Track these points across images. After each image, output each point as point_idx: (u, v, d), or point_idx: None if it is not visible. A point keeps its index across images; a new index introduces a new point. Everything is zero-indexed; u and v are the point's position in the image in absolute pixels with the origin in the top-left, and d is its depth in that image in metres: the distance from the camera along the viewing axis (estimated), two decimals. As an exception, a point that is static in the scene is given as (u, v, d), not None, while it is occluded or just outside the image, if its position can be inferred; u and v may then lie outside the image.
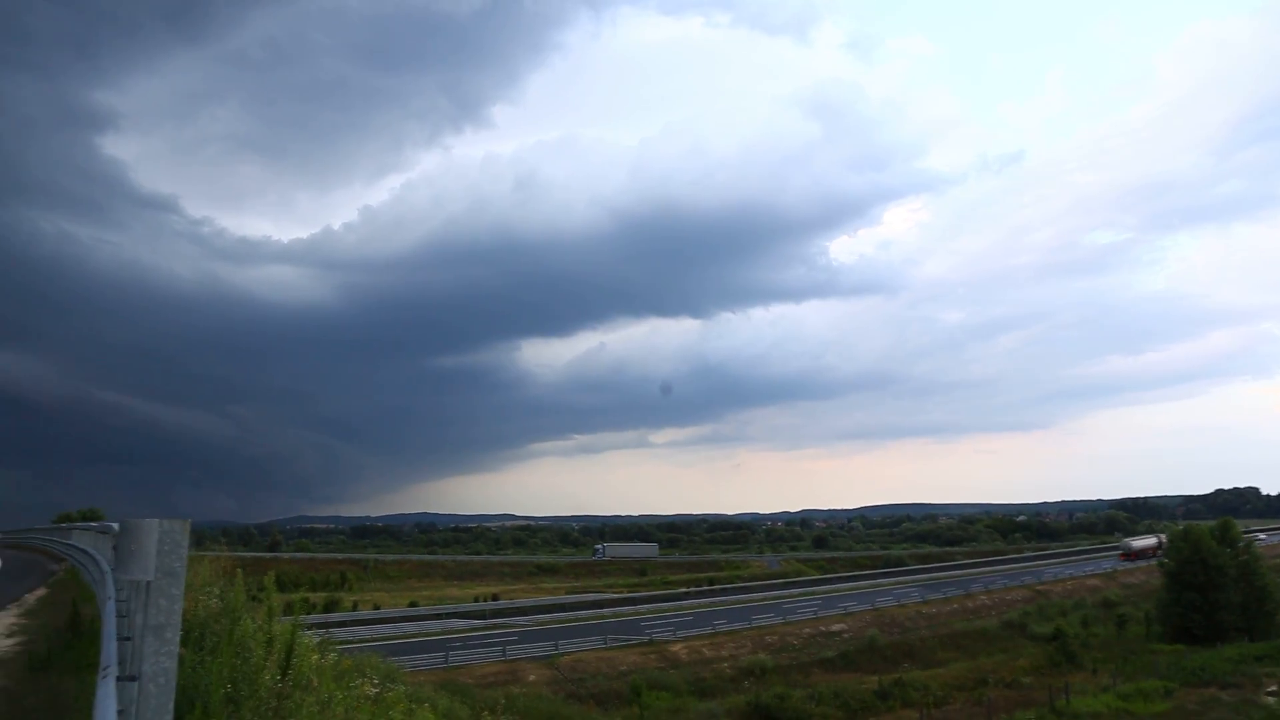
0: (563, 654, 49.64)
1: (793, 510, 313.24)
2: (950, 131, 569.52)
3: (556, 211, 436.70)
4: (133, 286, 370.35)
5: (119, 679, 3.31)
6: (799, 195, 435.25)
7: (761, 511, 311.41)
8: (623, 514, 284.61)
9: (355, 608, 72.68)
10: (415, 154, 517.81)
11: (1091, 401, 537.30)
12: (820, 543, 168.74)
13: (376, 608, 73.56)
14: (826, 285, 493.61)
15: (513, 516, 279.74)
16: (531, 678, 45.61)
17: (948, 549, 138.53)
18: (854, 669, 52.54)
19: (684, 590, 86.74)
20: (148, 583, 3.27)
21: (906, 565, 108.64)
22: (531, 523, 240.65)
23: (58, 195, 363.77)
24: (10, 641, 13.51)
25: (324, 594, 78.73)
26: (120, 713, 3.06)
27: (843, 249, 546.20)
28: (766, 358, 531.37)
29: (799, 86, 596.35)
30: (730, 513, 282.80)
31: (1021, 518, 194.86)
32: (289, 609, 11.27)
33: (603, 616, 65.60)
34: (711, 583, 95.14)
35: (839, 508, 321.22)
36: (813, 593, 78.33)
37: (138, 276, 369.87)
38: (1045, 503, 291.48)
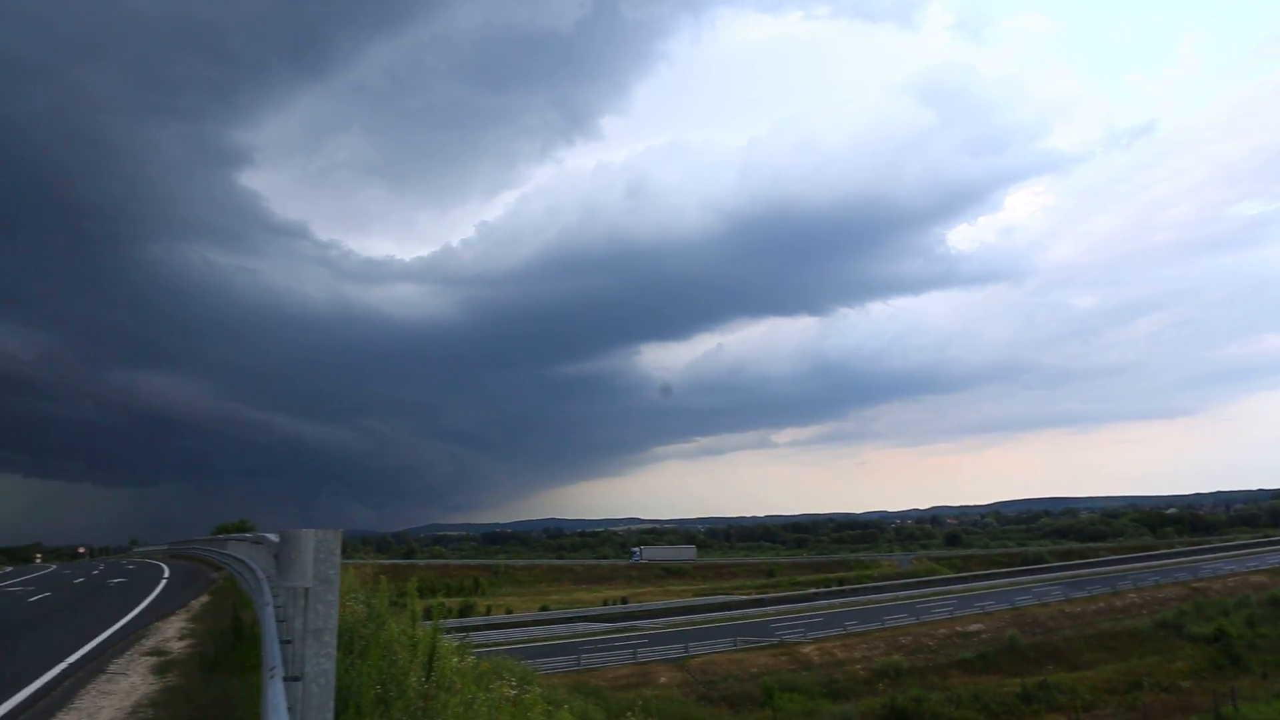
0: (693, 656, 49.82)
1: (922, 507, 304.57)
2: (1073, 108, 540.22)
3: (668, 216, 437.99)
4: (271, 310, 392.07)
5: (285, 679, 3.64)
6: (914, 185, 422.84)
7: (890, 509, 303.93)
8: (748, 515, 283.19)
9: (488, 612, 74.85)
10: (528, 169, 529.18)
11: (1246, 384, 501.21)
12: (953, 540, 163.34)
13: (509, 612, 75.55)
14: (946, 276, 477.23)
15: (638, 520, 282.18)
16: (662, 680, 45.95)
17: (1091, 545, 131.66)
18: (994, 671, 50.71)
19: (813, 591, 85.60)
20: (306, 589, 3.59)
21: (1046, 562, 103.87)
22: (657, 526, 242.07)
23: (202, 228, 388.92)
24: (182, 644, 14.63)
25: (458, 599, 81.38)
26: (287, 710, 3.37)
27: (962, 237, 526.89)
28: (887, 352, 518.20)
29: (909, 73, 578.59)
30: (857, 511, 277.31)
31: (1171, 510, 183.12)
32: (427, 614, 11.81)
33: (731, 618, 65.43)
34: (841, 583, 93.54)
35: (971, 504, 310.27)
36: (947, 592, 75.95)
37: (275, 300, 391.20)
38: (1198, 494, 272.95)
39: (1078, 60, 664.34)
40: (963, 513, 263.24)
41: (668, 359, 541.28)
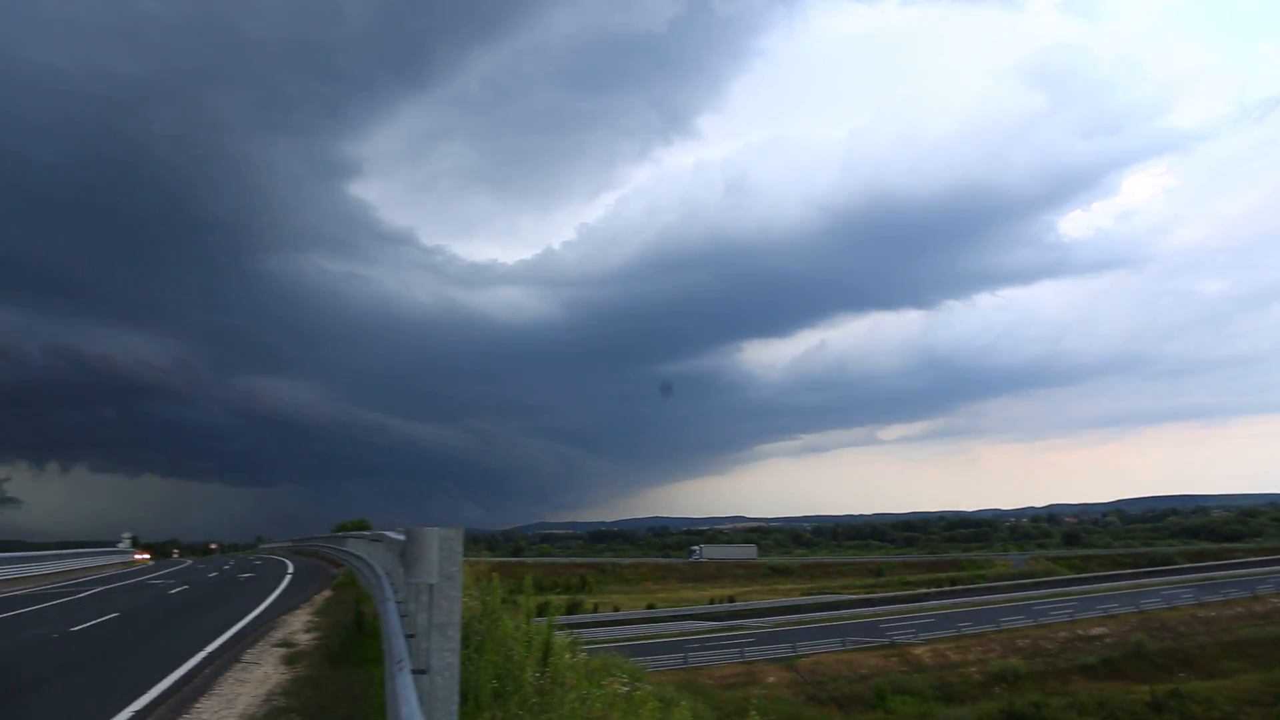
0: (801, 656, 49.33)
1: (1038, 505, 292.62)
2: (1197, 82, 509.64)
3: (769, 212, 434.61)
4: (382, 315, 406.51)
5: (412, 672, 3.83)
6: (1023, 171, 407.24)
7: (1003, 507, 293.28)
8: (855, 513, 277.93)
9: (596, 609, 75.76)
10: (627, 170, 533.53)
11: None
12: (1072, 539, 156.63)
13: (616, 609, 76.28)
14: (1058, 265, 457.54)
15: (743, 518, 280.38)
16: (770, 679, 45.65)
17: (1226, 545, 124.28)
18: (1120, 677, 48.48)
19: (924, 591, 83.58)
20: (431, 585, 3.78)
21: (1175, 563, 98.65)
22: (763, 524, 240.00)
23: (316, 238, 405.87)
24: (308, 637, 15.36)
25: (565, 596, 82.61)
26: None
27: (1075, 224, 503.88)
28: (997, 346, 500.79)
29: (1017, 56, 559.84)
30: (969, 509, 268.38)
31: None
32: (539, 611, 12.10)
33: (840, 618, 64.50)
34: (953, 583, 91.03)
35: (1091, 501, 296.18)
36: (1066, 593, 72.99)
37: (385, 305, 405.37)
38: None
39: (1202, 31, 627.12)
40: (1082, 511, 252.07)
41: (770, 356, 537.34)
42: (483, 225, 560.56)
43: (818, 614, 68.45)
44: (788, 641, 51.98)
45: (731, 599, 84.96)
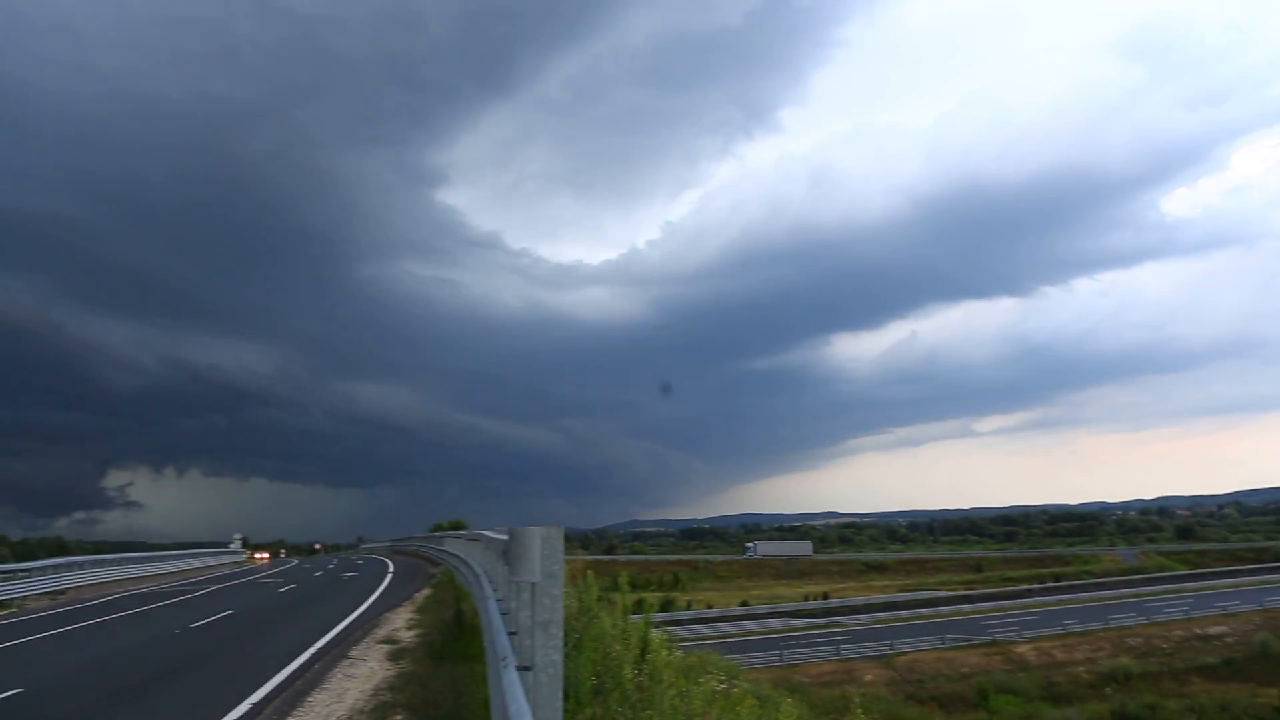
0: (899, 654, 48.43)
1: (1147, 498, 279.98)
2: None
3: (854, 204, 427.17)
4: (472, 318, 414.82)
5: (517, 668, 3.93)
6: (1121, 149, 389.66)
7: (1109, 500, 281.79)
8: (951, 507, 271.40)
9: (689, 607, 75.80)
10: (710, 167, 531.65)
11: None
12: (1185, 533, 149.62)
13: (709, 607, 76.20)
14: (1162, 245, 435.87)
15: (836, 514, 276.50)
16: (868, 677, 44.96)
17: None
18: (1243, 678, 46.08)
19: (1026, 587, 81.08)
20: (533, 583, 3.86)
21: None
22: (856, 520, 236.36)
23: (407, 245, 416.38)
24: (410, 634, 15.82)
25: (658, 594, 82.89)
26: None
27: (1180, 203, 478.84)
28: (1097, 332, 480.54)
29: (1113, 29, 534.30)
30: (1072, 502, 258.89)
31: None
32: (635, 608, 12.20)
33: (938, 615, 63.09)
34: (1057, 579, 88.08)
35: (1206, 493, 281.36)
36: (1181, 590, 69.78)
37: (474, 309, 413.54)
38: None
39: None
40: (1195, 503, 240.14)
41: (859, 349, 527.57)
42: (568, 227, 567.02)
43: (915, 611, 67.13)
44: (885, 639, 51.10)
45: (826, 596, 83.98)
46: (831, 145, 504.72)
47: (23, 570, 30.28)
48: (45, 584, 30.16)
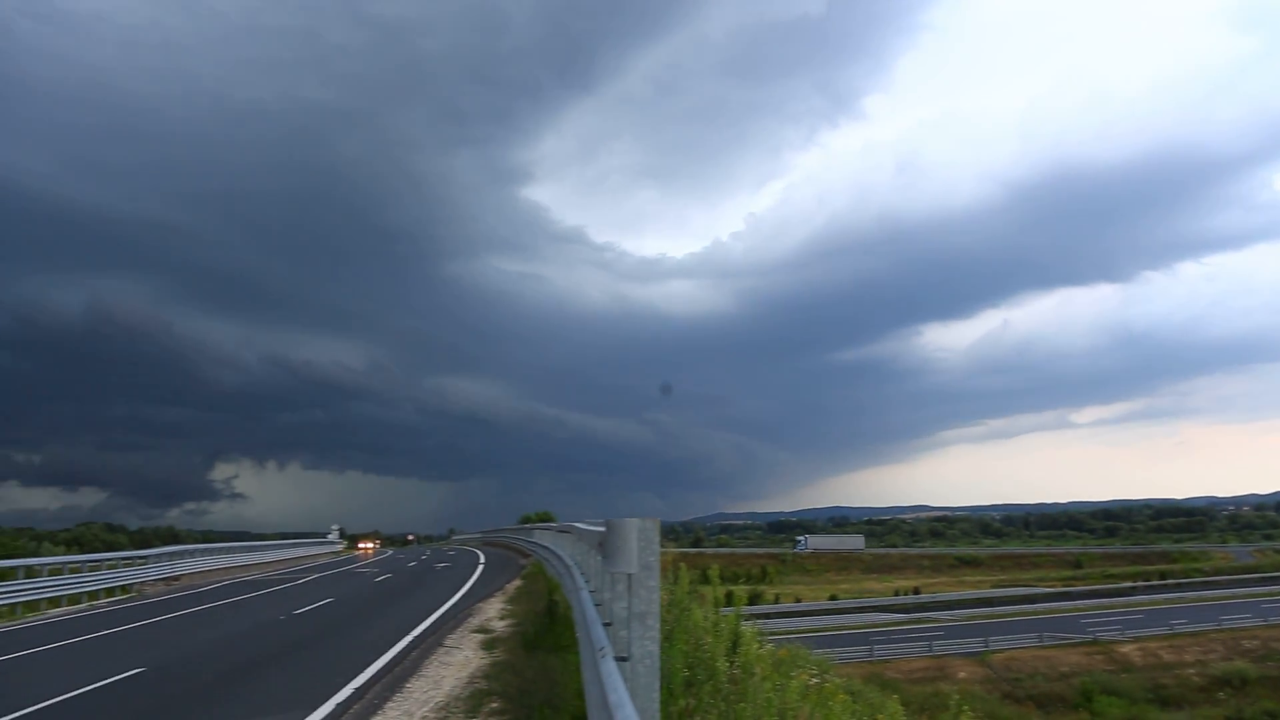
0: (994, 651, 47.16)
1: (1262, 492, 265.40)
2: None
3: (943, 190, 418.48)
4: (557, 312, 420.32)
5: (615, 659, 3.96)
6: (1229, 125, 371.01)
7: (1219, 495, 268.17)
8: (1047, 501, 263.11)
9: (777, 600, 75.32)
10: (794, 157, 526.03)
11: None
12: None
13: (797, 600, 75.58)
14: (1275, 225, 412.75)
15: (927, 507, 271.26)
16: (961, 675, 43.93)
17: None
18: (1370, 683, 43.44)
19: (1130, 585, 78.01)
20: (630, 574, 3.89)
21: None
22: (948, 513, 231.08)
23: (493, 242, 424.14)
24: (503, 624, 16.13)
25: (746, 587, 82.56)
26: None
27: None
28: (1205, 318, 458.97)
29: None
30: (1179, 496, 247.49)
31: None
32: (726, 601, 12.20)
33: (1035, 612, 61.25)
34: (1163, 576, 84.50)
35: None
36: (1300, 590, 66.17)
37: (559, 303, 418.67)
38: None
39: None
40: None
41: (949, 339, 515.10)
42: (651, 220, 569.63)
43: (1011, 607, 65.35)
44: (979, 635, 49.81)
45: (917, 590, 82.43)
46: (918, 132, 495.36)
47: (140, 557, 31.92)
48: (161, 570, 31.74)
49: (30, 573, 24.16)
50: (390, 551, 69.95)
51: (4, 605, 21.52)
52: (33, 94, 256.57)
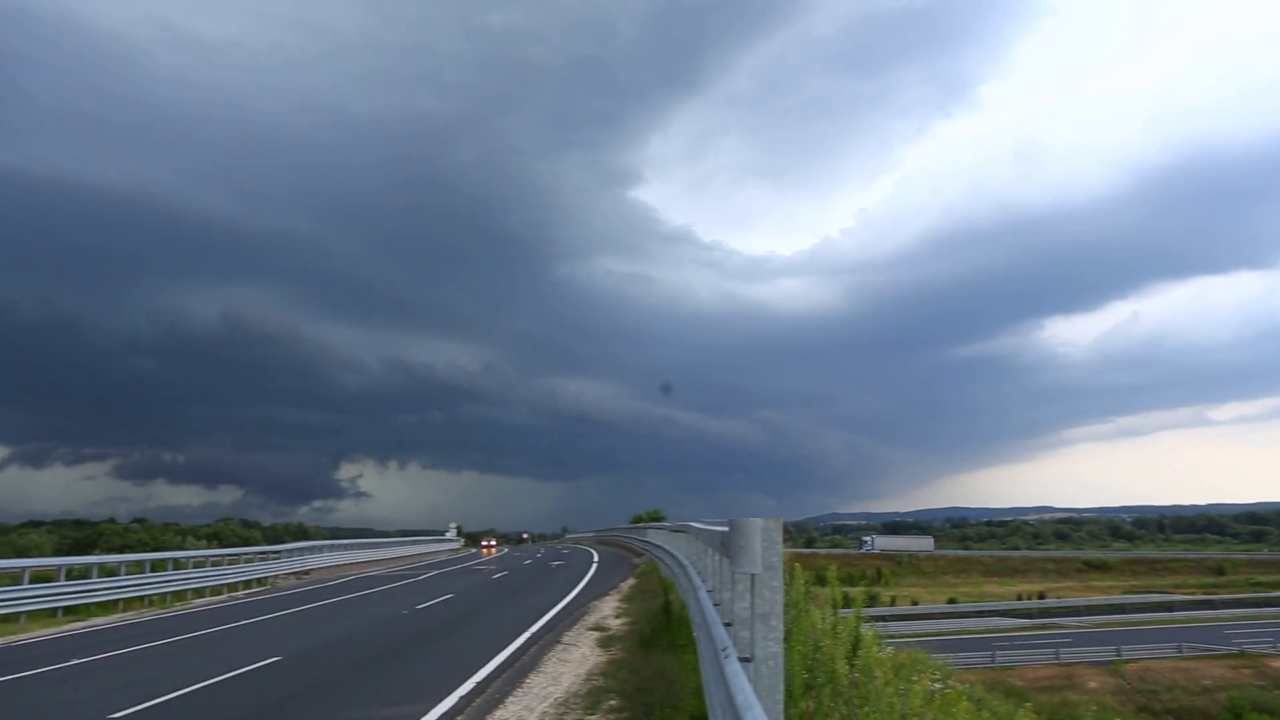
0: (1126, 661, 44.90)
1: None
2: None
3: (1064, 178, 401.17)
4: (666, 312, 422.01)
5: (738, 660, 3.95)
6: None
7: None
8: (1184, 503, 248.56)
9: (893, 603, 73.62)
10: (905, 150, 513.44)
11: None
12: None
13: (914, 603, 73.69)
14: None
15: (1051, 509, 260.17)
16: (1091, 685, 42.01)
17: None
18: None
19: None
20: (753, 575, 3.87)
21: None
22: (1074, 515, 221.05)
23: (603, 244, 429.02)
24: (619, 622, 16.28)
25: (861, 589, 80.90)
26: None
27: None
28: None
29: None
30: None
31: None
32: (843, 603, 12.00)
33: (1172, 620, 58.11)
34: (1317, 585, 78.72)
35: None
36: None
37: (669, 303, 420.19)
38: None
39: None
40: None
41: (1072, 333, 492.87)
42: (760, 218, 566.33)
43: (1145, 615, 62.11)
44: (1110, 644, 47.50)
45: (1043, 595, 79.24)
46: (1037, 118, 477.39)
47: (274, 552, 33.64)
48: (292, 565, 33.37)
49: (178, 565, 25.79)
50: (506, 549, 71.55)
51: (157, 594, 23.04)
52: (172, 117, 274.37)
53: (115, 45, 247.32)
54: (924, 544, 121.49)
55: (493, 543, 69.97)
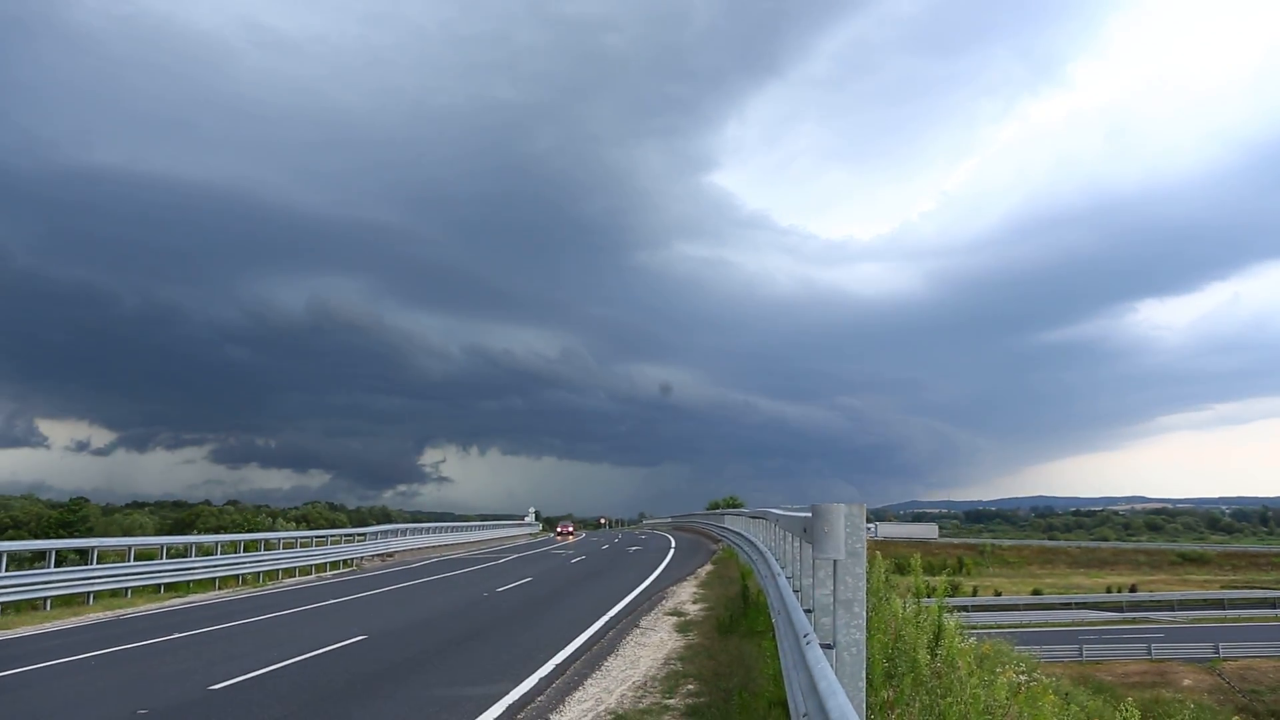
0: (1225, 659, 43.14)
1: None
2: None
3: (1159, 156, 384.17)
4: (745, 296, 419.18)
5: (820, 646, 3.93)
6: None
7: None
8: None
9: (975, 593, 72.03)
10: (990, 131, 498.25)
11: None
12: None
13: (997, 594, 71.99)
14: None
15: (1143, 498, 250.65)
16: (1186, 682, 40.52)
17: None
18: None
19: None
20: (836, 561, 3.84)
21: None
22: (1168, 505, 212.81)
23: (681, 230, 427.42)
24: (697, 608, 16.33)
25: (943, 578, 79.35)
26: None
27: None
28: None
29: None
30: None
31: None
32: (926, 592, 11.81)
33: (1277, 618, 55.58)
34: None
35: None
36: None
37: (747, 288, 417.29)
38: None
39: None
40: None
41: (1168, 316, 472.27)
42: (838, 202, 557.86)
43: (1246, 611, 59.54)
44: (1207, 640, 45.64)
45: (1134, 588, 76.60)
46: (1132, 93, 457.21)
47: (360, 535, 34.63)
48: (377, 547, 34.30)
49: (269, 546, 26.78)
50: (584, 534, 72.25)
51: (251, 573, 23.96)
52: (260, 113, 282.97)
53: (207, 48, 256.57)
54: (928, 532, 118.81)
55: (570, 527, 69.37)
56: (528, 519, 78.23)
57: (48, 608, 17.13)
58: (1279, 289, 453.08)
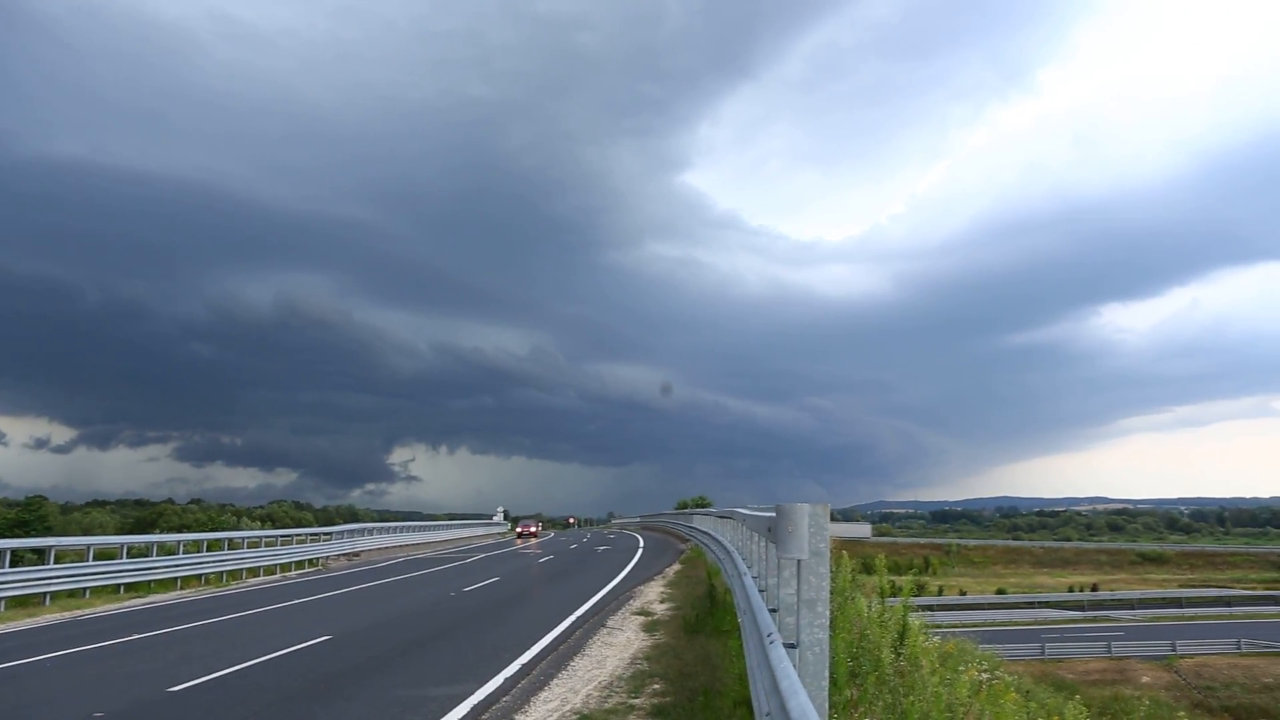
0: (1182, 656, 43.93)
1: None
2: None
3: (1125, 163, 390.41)
4: (715, 297, 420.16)
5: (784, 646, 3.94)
6: None
7: None
8: (1246, 495, 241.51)
9: (940, 592, 72.81)
10: (960, 135, 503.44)
11: None
12: None
13: (962, 593, 72.84)
14: None
15: (1105, 499, 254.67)
16: (1145, 679, 41.22)
17: None
18: None
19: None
20: (799, 560, 3.86)
21: None
22: (1129, 506, 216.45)
23: (653, 230, 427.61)
24: (664, 608, 16.35)
25: (908, 578, 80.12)
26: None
27: None
28: None
29: None
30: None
31: None
32: (891, 592, 11.91)
33: (1231, 616, 56.73)
34: (1386, 582, 76.23)
35: None
36: None
37: (718, 288, 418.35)
38: None
39: None
40: None
41: (1130, 320, 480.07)
42: (808, 204, 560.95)
43: (1202, 610, 60.71)
44: (1165, 638, 46.47)
45: (1095, 587, 77.87)
46: (1098, 100, 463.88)
47: (325, 534, 34.31)
48: (343, 546, 33.99)
49: (233, 545, 26.44)
50: (551, 534, 72.02)
51: (214, 573, 23.65)
52: (227, 107, 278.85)
53: (174, 37, 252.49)
54: (861, 531, 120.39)
55: (533, 526, 64.06)
56: (496, 518, 77.84)
57: (2, 609, 16.79)
58: (1237, 295, 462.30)
